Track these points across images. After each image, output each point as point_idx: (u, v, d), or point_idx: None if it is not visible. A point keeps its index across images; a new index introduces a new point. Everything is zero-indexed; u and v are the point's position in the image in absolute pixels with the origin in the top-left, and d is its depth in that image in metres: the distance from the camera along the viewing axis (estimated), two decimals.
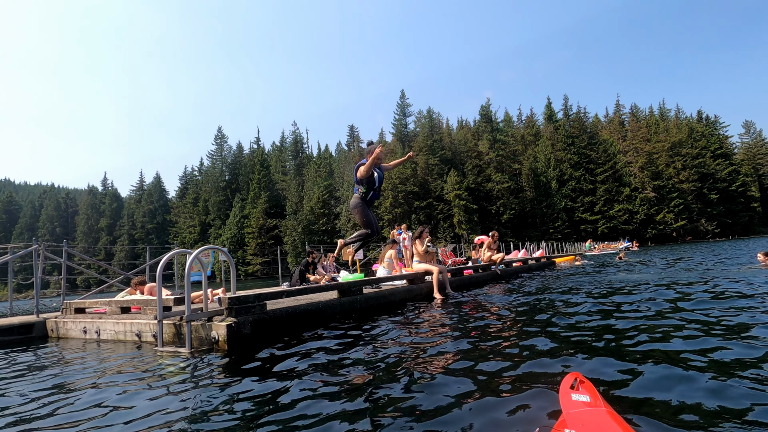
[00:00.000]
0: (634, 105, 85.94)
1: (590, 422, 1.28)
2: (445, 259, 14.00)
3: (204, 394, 2.81)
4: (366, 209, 5.45)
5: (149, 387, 3.10)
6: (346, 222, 65.48)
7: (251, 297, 4.69)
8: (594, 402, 1.46)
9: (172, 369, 3.67)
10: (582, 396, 1.50)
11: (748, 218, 69.08)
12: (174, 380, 3.27)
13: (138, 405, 2.68)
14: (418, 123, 75.52)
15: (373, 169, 5.38)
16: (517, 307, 5.65)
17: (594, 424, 1.27)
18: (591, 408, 1.41)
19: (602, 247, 43.42)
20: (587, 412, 1.37)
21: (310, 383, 2.82)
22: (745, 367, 2.52)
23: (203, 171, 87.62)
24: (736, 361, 2.63)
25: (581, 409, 1.41)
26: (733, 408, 1.89)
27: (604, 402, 1.47)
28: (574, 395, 1.51)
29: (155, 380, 3.30)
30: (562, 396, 1.56)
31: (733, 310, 4.39)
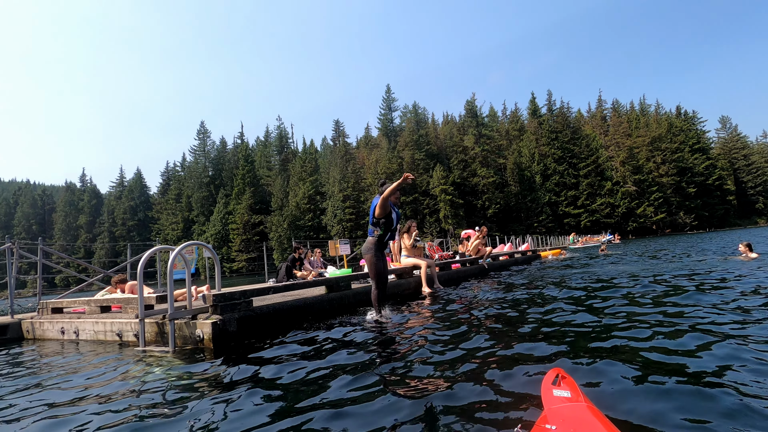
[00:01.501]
0: (615, 100, 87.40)
1: (571, 417, 1.28)
2: (432, 254, 14.02)
3: (188, 393, 2.71)
4: (380, 257, 4.82)
5: (131, 389, 2.98)
6: (332, 217, 65.20)
7: (237, 294, 4.57)
8: (575, 397, 1.45)
9: (155, 369, 3.54)
10: (563, 392, 1.50)
11: (724, 211, 71.15)
12: (157, 380, 3.15)
13: (119, 407, 2.56)
14: (404, 118, 75.44)
15: (391, 206, 4.80)
16: (505, 302, 5.65)
17: (574, 419, 1.26)
18: (572, 403, 1.40)
19: (585, 241, 44.16)
20: (568, 408, 1.36)
21: (298, 381, 2.74)
22: (731, 363, 2.53)
23: (186, 166, 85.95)
24: (723, 357, 2.65)
25: (562, 404, 1.41)
26: (715, 404, 1.88)
27: (584, 397, 1.47)
28: (555, 391, 1.51)
29: (137, 381, 3.18)
30: (544, 392, 1.55)
31: (719, 306, 4.45)
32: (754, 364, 2.38)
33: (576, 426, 1.22)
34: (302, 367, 3.11)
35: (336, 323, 5.09)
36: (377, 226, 4.83)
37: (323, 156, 79.97)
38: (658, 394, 2.02)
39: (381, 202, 4.74)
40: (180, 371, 3.39)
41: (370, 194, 63.96)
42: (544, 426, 1.27)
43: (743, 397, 1.96)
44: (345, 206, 64.72)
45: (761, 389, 2.02)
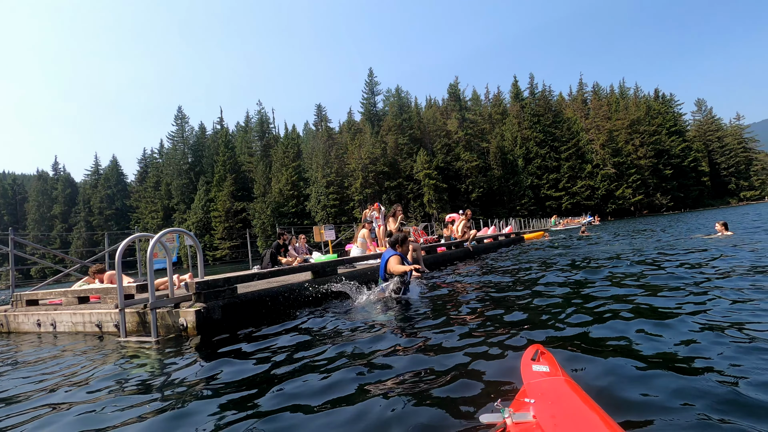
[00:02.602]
0: (596, 83, 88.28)
1: (549, 391, 1.30)
2: (417, 238, 14.05)
3: (173, 383, 2.64)
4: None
5: (114, 380, 2.88)
6: (316, 204, 64.72)
7: (220, 281, 4.47)
8: (553, 372, 1.48)
9: (138, 359, 3.45)
10: (542, 366, 1.52)
11: (699, 192, 73.25)
12: (140, 370, 3.06)
13: (101, 399, 2.47)
14: (387, 102, 74.69)
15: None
16: (489, 284, 5.69)
17: (552, 392, 1.28)
18: (550, 377, 1.43)
19: (566, 223, 45.00)
20: (546, 382, 1.39)
21: (285, 367, 2.69)
22: (709, 337, 2.58)
23: (164, 153, 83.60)
24: (696, 331, 2.70)
25: (541, 378, 1.42)
26: (688, 376, 1.95)
27: (562, 371, 1.50)
28: (534, 366, 1.53)
29: (120, 371, 3.08)
30: (524, 367, 1.58)
31: (699, 284, 4.55)
32: (727, 338, 2.43)
33: (554, 399, 1.23)
34: (285, 355, 3.06)
35: (322, 307, 5.04)
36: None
37: (306, 141, 78.76)
38: (635, 369, 2.09)
39: (392, 269, 4.78)
40: (162, 360, 3.30)
41: (354, 180, 63.59)
42: (523, 400, 1.28)
43: (724, 377, 2.00)
44: (329, 192, 64.24)
45: (735, 366, 2.06)
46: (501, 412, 1.18)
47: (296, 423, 1.87)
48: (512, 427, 1.11)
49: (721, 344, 2.34)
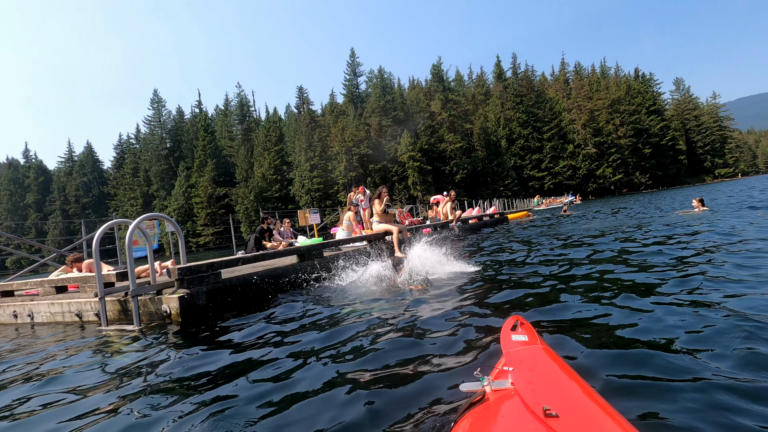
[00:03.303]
0: (578, 63, 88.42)
1: (527, 358, 1.33)
2: (402, 220, 14.06)
3: (157, 371, 2.59)
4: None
5: (91, 368, 2.82)
6: (300, 188, 64.08)
7: (204, 266, 4.38)
8: (532, 341, 1.51)
9: (121, 348, 3.38)
10: (521, 336, 1.56)
11: (676, 170, 75.02)
12: (119, 358, 2.99)
13: (84, 389, 2.41)
14: (369, 83, 73.59)
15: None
16: (477, 263, 5.73)
17: (530, 359, 1.32)
18: (528, 346, 1.46)
19: (549, 203, 45.67)
20: (524, 350, 1.42)
21: (271, 353, 2.67)
22: (678, 305, 2.65)
23: (141, 138, 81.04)
24: (667, 300, 2.77)
25: (519, 348, 1.46)
26: (655, 342, 2.04)
27: (540, 340, 1.54)
28: (513, 336, 1.57)
29: (102, 360, 3.01)
30: (503, 337, 1.62)
31: (678, 258, 4.66)
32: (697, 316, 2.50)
33: (531, 366, 1.26)
34: (271, 340, 3.03)
35: (307, 291, 5.02)
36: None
37: (288, 124, 77.28)
38: (610, 336, 2.19)
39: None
40: (142, 348, 3.23)
41: (337, 163, 63.00)
42: (503, 368, 1.31)
43: (697, 357, 2.04)
44: (313, 176, 63.58)
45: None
46: (480, 381, 1.21)
47: (283, 408, 1.85)
48: (491, 394, 1.14)
49: (694, 319, 2.40)
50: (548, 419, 0.83)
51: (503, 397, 1.09)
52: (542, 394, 1.01)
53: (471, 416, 1.08)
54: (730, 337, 2.02)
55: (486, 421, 1.01)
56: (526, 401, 0.97)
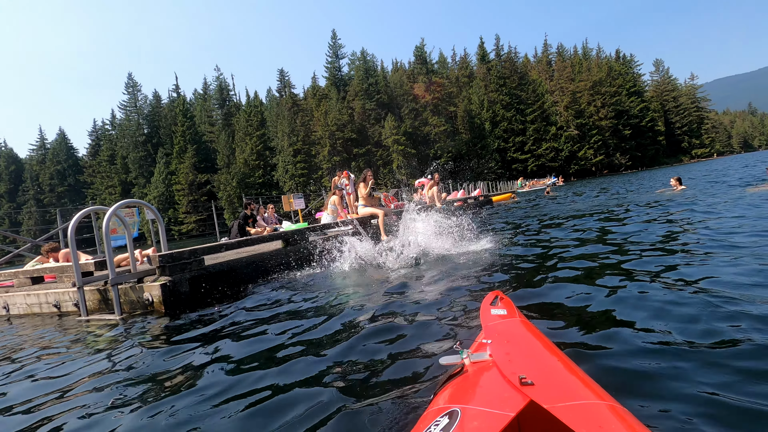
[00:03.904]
0: (560, 45, 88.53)
1: (505, 331, 1.37)
2: (388, 204, 14.03)
3: (140, 361, 2.53)
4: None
5: (78, 359, 2.74)
6: (284, 173, 63.29)
7: (186, 253, 4.29)
8: (510, 314, 1.54)
9: (101, 338, 3.29)
10: (500, 310, 1.59)
11: (655, 151, 76.51)
12: (104, 349, 2.92)
13: (66, 381, 2.34)
14: (352, 66, 72.39)
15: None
16: (463, 244, 5.75)
17: (507, 332, 1.35)
18: (507, 319, 1.49)
19: (532, 184, 46.18)
20: (503, 323, 1.45)
21: (255, 341, 2.63)
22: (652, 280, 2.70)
23: (117, 124, 78.43)
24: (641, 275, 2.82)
25: (498, 321, 1.49)
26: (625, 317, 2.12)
27: (519, 313, 1.57)
28: (493, 310, 1.60)
29: (83, 352, 2.93)
30: (483, 312, 1.64)
31: (655, 231, 4.75)
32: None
33: (509, 338, 1.29)
34: (256, 327, 2.99)
35: (293, 276, 4.97)
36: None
37: (269, 109, 75.66)
38: (587, 309, 2.27)
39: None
40: (127, 338, 3.16)
41: (321, 147, 62.27)
42: (482, 341, 1.34)
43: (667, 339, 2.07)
44: (296, 161, 62.79)
45: None
46: (460, 354, 1.22)
47: (267, 392, 1.83)
48: (470, 366, 1.16)
49: (666, 294, 2.44)
50: (524, 387, 0.86)
51: (482, 368, 1.11)
52: (519, 364, 1.03)
53: (450, 387, 1.10)
54: (696, 310, 2.07)
55: (464, 391, 1.03)
56: (503, 371, 0.99)
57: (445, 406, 0.95)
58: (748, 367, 1.48)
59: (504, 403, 0.85)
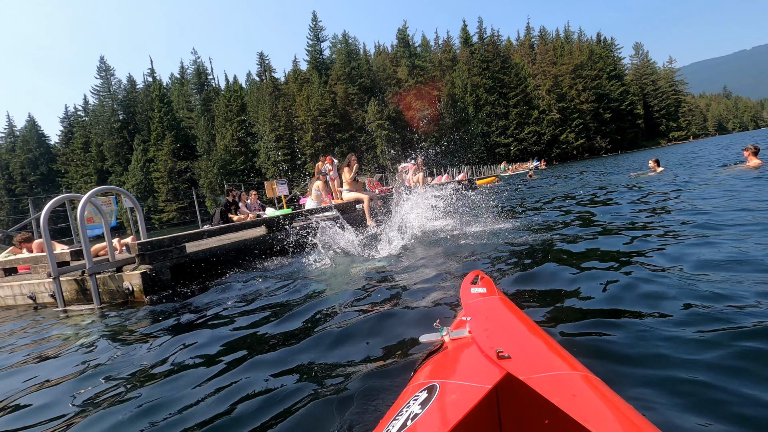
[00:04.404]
0: (542, 28, 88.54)
1: (484, 308, 1.39)
2: (372, 189, 13.97)
3: (120, 351, 2.46)
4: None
5: (59, 351, 2.65)
6: (266, 159, 62.35)
7: (166, 240, 4.18)
8: (490, 292, 1.56)
9: (80, 328, 3.20)
10: (480, 288, 1.61)
11: (634, 134, 77.88)
12: (83, 340, 2.83)
13: (42, 373, 2.26)
14: (333, 49, 71.10)
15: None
16: (444, 228, 5.77)
17: (487, 309, 1.38)
18: (486, 297, 1.51)
19: (515, 168, 46.63)
20: (483, 301, 1.47)
21: (239, 328, 2.59)
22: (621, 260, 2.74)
23: (90, 111, 75.62)
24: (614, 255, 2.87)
25: (478, 299, 1.51)
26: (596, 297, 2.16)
27: (499, 292, 1.59)
28: (473, 289, 1.62)
29: (60, 343, 2.84)
30: (463, 290, 1.66)
31: (635, 216, 4.83)
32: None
33: (488, 315, 1.31)
34: (239, 314, 2.95)
35: (278, 262, 4.91)
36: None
37: (249, 93, 73.93)
38: (567, 288, 2.32)
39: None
40: (106, 329, 3.08)
41: (304, 133, 61.42)
42: (461, 318, 1.35)
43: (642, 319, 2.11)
44: (278, 147, 61.82)
45: None
46: (439, 331, 1.24)
47: (251, 378, 1.80)
48: (449, 344, 1.18)
49: (644, 274, 2.49)
50: (501, 360, 0.88)
51: (461, 345, 1.13)
52: (497, 340, 1.04)
53: (430, 363, 1.12)
54: (675, 292, 2.10)
55: (443, 367, 1.05)
56: (481, 346, 1.01)
57: (424, 381, 0.97)
58: (742, 348, 1.50)
59: (481, 376, 0.88)
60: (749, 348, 1.43)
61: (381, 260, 4.01)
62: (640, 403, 1.22)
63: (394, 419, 0.85)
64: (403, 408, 0.87)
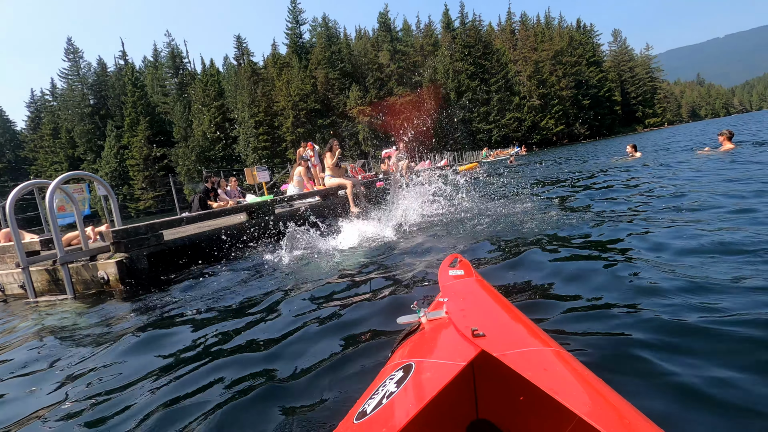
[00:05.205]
0: (524, 13, 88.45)
1: (461, 290, 1.41)
2: (355, 175, 13.85)
3: (97, 343, 2.37)
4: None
5: (31, 342, 2.54)
6: (246, 146, 61.14)
7: (143, 228, 4.04)
8: (467, 274, 1.59)
9: (52, 319, 3.08)
10: (457, 271, 1.65)
11: (611, 120, 79.30)
12: (56, 331, 2.73)
13: (13, 366, 2.17)
14: (313, 33, 69.60)
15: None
16: (432, 214, 5.77)
17: (464, 290, 1.40)
18: (463, 279, 1.54)
19: (496, 154, 46.95)
20: (460, 283, 1.50)
21: (218, 317, 2.54)
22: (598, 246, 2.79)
23: (58, 95, 72.37)
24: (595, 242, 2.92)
25: (455, 281, 1.53)
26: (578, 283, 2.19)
27: (476, 274, 1.62)
28: (451, 271, 1.65)
29: (32, 335, 2.73)
30: (441, 273, 1.68)
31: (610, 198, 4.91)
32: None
33: (464, 296, 1.34)
34: (218, 302, 2.88)
35: (258, 252, 4.83)
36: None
37: (227, 78, 71.87)
38: (547, 272, 2.37)
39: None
40: (79, 320, 2.97)
41: (284, 119, 60.32)
42: (439, 300, 1.37)
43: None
44: (258, 133, 60.62)
45: None
46: (417, 313, 1.25)
47: (233, 367, 1.76)
48: (426, 324, 1.19)
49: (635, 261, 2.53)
50: (476, 339, 0.90)
51: (438, 325, 1.14)
52: (473, 319, 1.06)
53: (407, 344, 1.14)
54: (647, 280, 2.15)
55: (420, 347, 1.06)
56: (457, 326, 1.02)
57: (400, 361, 0.98)
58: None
59: (456, 354, 0.89)
60: (719, 330, 1.47)
61: (360, 249, 3.98)
62: (608, 377, 1.19)
63: (370, 398, 0.86)
64: (380, 387, 0.88)
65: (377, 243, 4.05)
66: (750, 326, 1.43)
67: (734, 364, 1.26)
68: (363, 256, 3.55)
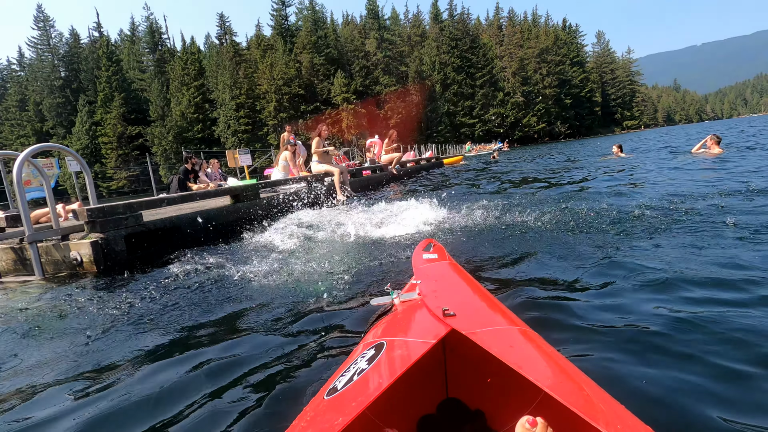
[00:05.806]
0: (511, 9, 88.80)
1: (434, 272, 1.45)
2: (339, 163, 13.60)
3: (71, 329, 2.18)
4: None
5: None
6: (226, 128, 59.65)
7: (120, 207, 3.80)
8: (441, 258, 1.62)
9: (16, 302, 2.84)
10: (431, 255, 1.67)
11: (591, 121, 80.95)
12: (23, 317, 2.51)
13: None
14: (300, 16, 68.04)
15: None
16: (418, 206, 5.69)
17: (436, 273, 1.44)
18: (437, 262, 1.57)
19: (479, 149, 47.31)
20: (433, 266, 1.53)
21: (200, 304, 2.38)
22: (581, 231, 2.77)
23: (26, 65, 68.68)
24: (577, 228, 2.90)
25: (428, 264, 1.56)
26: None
27: (449, 257, 1.65)
28: (425, 255, 1.67)
29: None
30: (415, 257, 1.70)
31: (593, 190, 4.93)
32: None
33: (437, 278, 1.37)
34: (199, 289, 2.72)
35: (244, 236, 4.64)
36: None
37: (208, 57, 69.63)
38: (520, 257, 2.47)
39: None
40: (50, 304, 2.75)
41: (267, 103, 59.04)
42: (412, 282, 1.38)
43: None
44: (239, 116, 59.17)
45: None
46: (390, 294, 1.27)
47: (215, 361, 1.62)
48: (399, 306, 1.23)
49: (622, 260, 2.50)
50: (446, 318, 0.92)
51: (410, 306, 1.16)
52: (444, 300, 1.08)
53: (380, 324, 1.17)
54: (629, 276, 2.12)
55: (392, 326, 1.08)
56: (429, 306, 1.04)
57: (373, 340, 0.99)
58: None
59: (428, 332, 0.91)
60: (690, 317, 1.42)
61: (341, 236, 3.87)
62: (570, 353, 1.36)
63: (341, 375, 0.88)
64: (351, 365, 0.90)
65: (359, 230, 3.95)
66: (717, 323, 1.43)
67: (691, 359, 1.28)
68: (343, 242, 3.50)
